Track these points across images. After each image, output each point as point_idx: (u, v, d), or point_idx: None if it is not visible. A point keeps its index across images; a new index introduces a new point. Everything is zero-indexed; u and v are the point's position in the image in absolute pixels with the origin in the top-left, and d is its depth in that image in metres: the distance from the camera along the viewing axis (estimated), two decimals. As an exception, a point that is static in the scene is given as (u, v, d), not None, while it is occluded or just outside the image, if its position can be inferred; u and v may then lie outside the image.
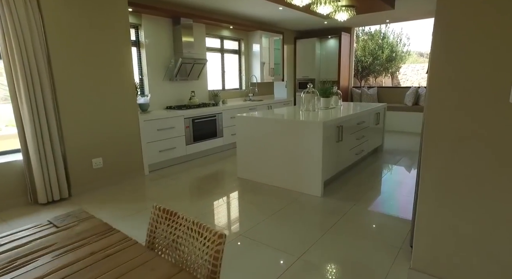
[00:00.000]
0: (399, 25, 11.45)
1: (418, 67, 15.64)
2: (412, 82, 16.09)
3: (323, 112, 3.68)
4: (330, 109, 4.06)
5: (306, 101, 3.90)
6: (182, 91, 4.92)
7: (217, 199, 3.09)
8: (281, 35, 6.47)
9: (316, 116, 3.31)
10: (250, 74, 6.23)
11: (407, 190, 3.24)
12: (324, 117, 3.26)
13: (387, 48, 10.76)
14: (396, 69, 13.23)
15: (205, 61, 4.79)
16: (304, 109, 3.88)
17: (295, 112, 3.83)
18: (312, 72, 7.31)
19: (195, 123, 4.55)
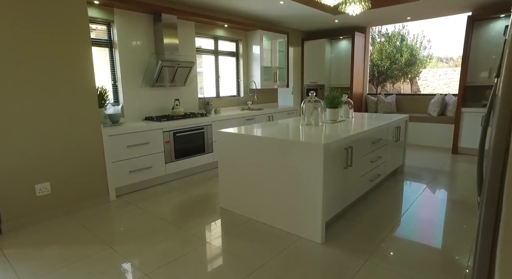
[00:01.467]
0: (419, 26, 10.53)
1: (440, 72, 14.58)
2: (433, 89, 15.02)
3: (328, 127, 2.90)
4: (338, 122, 3.27)
5: (308, 113, 3.13)
6: (165, 99, 4.24)
7: (185, 245, 2.34)
8: (285, 36, 5.73)
9: (318, 134, 2.53)
10: (249, 79, 5.50)
11: (443, 233, 2.40)
12: (328, 135, 2.47)
13: (406, 51, 9.85)
14: (416, 75, 12.25)
15: (192, 64, 4.10)
16: (305, 123, 3.11)
17: (293, 126, 3.05)
18: (321, 77, 6.52)
19: (177, 137, 3.85)
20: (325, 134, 2.52)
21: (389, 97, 6.41)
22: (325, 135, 2.47)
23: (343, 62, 6.44)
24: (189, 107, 4.55)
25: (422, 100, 6.17)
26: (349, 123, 3.26)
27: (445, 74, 14.34)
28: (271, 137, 2.46)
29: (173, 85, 4.18)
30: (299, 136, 2.48)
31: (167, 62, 3.82)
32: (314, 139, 2.32)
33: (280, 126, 3.12)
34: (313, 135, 2.48)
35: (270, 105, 6.06)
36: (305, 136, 2.47)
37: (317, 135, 2.50)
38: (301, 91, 6.89)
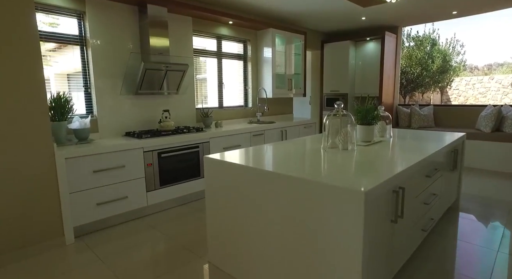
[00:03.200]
0: (451, 29, 9.47)
1: (474, 80, 13.30)
2: (466, 99, 13.72)
3: (363, 154, 2.00)
4: (374, 145, 2.37)
5: (332, 131, 2.24)
6: (152, 111, 3.46)
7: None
8: (302, 36, 4.89)
9: (351, 167, 1.64)
10: (259, 86, 4.68)
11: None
12: (366, 169, 1.58)
13: (439, 57, 8.81)
14: (447, 83, 11.08)
15: (185, 67, 3.31)
16: (328, 146, 2.22)
17: (313, 150, 2.17)
18: (344, 85, 5.62)
19: (162, 158, 3.04)
20: (361, 168, 1.62)
21: (425, 108, 5.42)
22: (362, 170, 1.58)
23: (370, 67, 5.52)
24: (182, 120, 3.75)
25: (467, 113, 5.14)
26: (389, 146, 2.34)
27: (480, 82, 13.05)
28: (281, 173, 1.58)
29: (161, 93, 3.40)
30: (323, 170, 1.60)
31: (152, 64, 3.05)
32: (348, 179, 1.43)
33: (295, 149, 2.24)
34: (344, 170, 1.59)
35: (283, 117, 5.20)
36: (332, 171, 1.58)
37: (349, 170, 1.61)
38: (320, 101, 6.00)
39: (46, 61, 2.79)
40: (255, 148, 2.27)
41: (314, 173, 1.54)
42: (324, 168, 1.64)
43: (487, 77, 13.25)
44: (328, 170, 1.59)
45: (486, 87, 13.54)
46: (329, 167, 1.66)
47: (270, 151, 2.16)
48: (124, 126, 3.24)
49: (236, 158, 1.96)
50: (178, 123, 3.69)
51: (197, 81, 3.96)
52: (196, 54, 3.88)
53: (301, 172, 1.55)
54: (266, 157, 1.98)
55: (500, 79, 13.16)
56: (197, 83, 3.97)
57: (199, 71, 4.04)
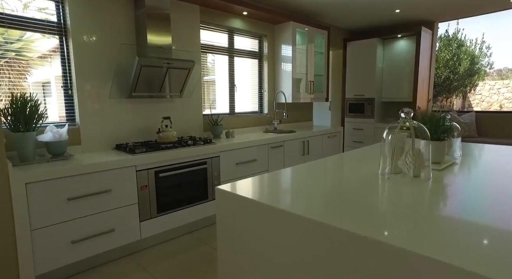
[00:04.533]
0: (478, 29, 8.78)
1: (499, 84, 12.50)
2: (490, 104, 12.92)
3: (445, 186, 1.32)
4: (448, 168, 1.68)
5: (397, 151, 1.57)
6: (150, 118, 2.82)
7: None
8: (326, 33, 4.25)
9: (444, 218, 0.97)
10: (276, 89, 4.03)
11: None
12: (470, 223, 0.90)
13: (466, 58, 8.12)
14: (472, 87, 10.32)
15: (191, 64, 2.68)
16: (389, 171, 1.56)
17: (366, 179, 1.50)
18: (370, 89, 4.95)
19: (161, 178, 2.39)
20: (465, 216, 0.94)
21: (466, 116, 4.72)
22: (467, 222, 0.90)
23: (400, 68, 4.85)
24: (187, 129, 3.11)
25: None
26: (475, 170, 1.66)
27: (506, 87, 12.24)
28: (330, 225, 0.91)
29: (161, 96, 2.76)
30: (401, 221, 0.92)
31: (149, 59, 2.42)
32: (464, 249, 0.75)
33: (340, 175, 1.57)
34: (439, 222, 0.91)
35: (302, 125, 4.54)
36: (423, 225, 0.90)
37: (447, 221, 0.93)
38: (342, 107, 5.32)
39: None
40: (284, 173, 1.61)
41: (388, 227, 0.87)
42: (401, 217, 0.97)
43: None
44: (413, 223, 0.91)
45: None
46: (410, 214, 0.98)
47: (304, 178, 1.50)
48: (114, 137, 2.60)
49: (260, 189, 1.30)
50: (181, 132, 3.05)
51: (203, 83, 3.33)
52: (204, 50, 3.25)
53: (363, 224, 0.88)
54: (300, 189, 1.31)
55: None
56: (203, 86, 3.34)
57: (206, 71, 3.41)
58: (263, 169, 3.24)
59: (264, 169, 3.26)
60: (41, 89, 2.34)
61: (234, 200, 1.30)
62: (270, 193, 1.28)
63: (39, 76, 2.32)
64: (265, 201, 1.18)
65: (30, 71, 2.27)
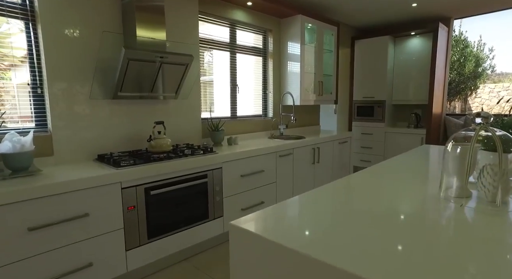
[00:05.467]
0: (476, 30, 8.55)
1: (498, 87, 12.36)
2: (489, 108, 12.76)
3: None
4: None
5: (462, 168, 1.18)
6: (140, 122, 2.38)
7: None
8: (335, 28, 3.88)
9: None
10: (282, 91, 3.63)
11: None
12: None
13: (471, 60, 7.90)
14: (473, 90, 10.11)
15: (189, 59, 2.25)
16: (456, 194, 1.17)
17: (426, 205, 1.09)
18: (380, 90, 4.59)
19: (152, 197, 1.96)
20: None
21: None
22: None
23: (414, 69, 4.50)
24: (183, 136, 2.68)
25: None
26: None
27: (506, 90, 12.10)
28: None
29: (153, 97, 2.33)
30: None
31: (139, 52, 1.99)
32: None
33: (388, 199, 1.16)
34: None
35: (309, 130, 4.14)
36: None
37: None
38: (350, 110, 4.95)
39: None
40: (313, 198, 1.20)
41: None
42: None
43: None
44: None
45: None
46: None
47: (342, 205, 1.08)
48: (95, 146, 2.16)
49: (288, 225, 0.89)
50: (176, 140, 2.62)
51: (201, 83, 2.92)
52: (202, 45, 2.84)
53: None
54: (343, 227, 0.90)
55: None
56: (201, 86, 2.92)
57: (204, 70, 2.99)
58: (271, 181, 2.83)
59: (272, 181, 2.85)
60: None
61: (253, 242, 0.88)
62: (301, 232, 0.86)
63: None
64: (298, 247, 0.77)
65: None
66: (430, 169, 1.67)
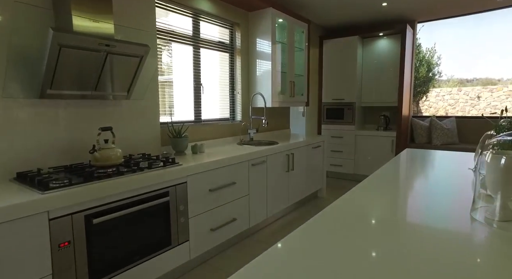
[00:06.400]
0: (431, 38, 9.01)
1: (443, 92, 13.26)
2: (436, 110, 13.63)
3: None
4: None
5: (502, 186, 0.92)
6: (79, 129, 1.89)
7: None
8: (306, 26, 3.65)
9: None
10: (252, 91, 3.30)
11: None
12: None
13: (424, 65, 8.25)
14: (425, 93, 10.72)
15: (144, 49, 1.81)
16: (499, 216, 0.90)
17: (473, 236, 0.81)
18: (350, 92, 4.46)
19: (95, 226, 1.50)
20: None
21: (447, 121, 4.45)
22: None
23: (382, 70, 4.44)
24: (138, 144, 2.21)
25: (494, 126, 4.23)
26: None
27: (449, 94, 13.01)
28: None
29: (96, 96, 1.85)
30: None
31: (75, 37, 1.52)
32: None
33: (427, 230, 0.86)
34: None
35: (280, 134, 3.86)
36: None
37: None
38: (319, 113, 4.77)
39: None
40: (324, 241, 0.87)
41: None
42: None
43: (456, 88, 13.29)
44: None
45: (455, 99, 13.59)
46: None
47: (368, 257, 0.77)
48: (16, 161, 1.63)
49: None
50: (129, 149, 2.15)
51: (158, 85, 2.48)
52: (161, 36, 2.40)
53: None
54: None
55: (467, 91, 13.28)
56: (158, 85, 2.49)
57: (161, 71, 2.55)
58: (243, 193, 2.47)
59: (245, 194, 2.49)
60: None
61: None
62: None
63: None
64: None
65: None
66: (441, 181, 1.43)
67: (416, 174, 1.56)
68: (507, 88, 12.93)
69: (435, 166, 1.77)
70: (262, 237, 2.67)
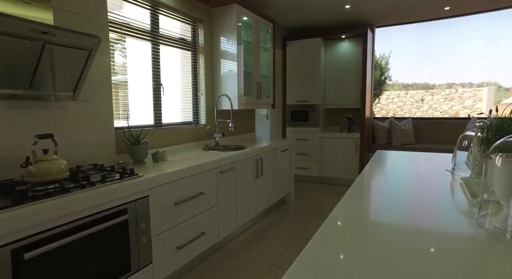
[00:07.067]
0: (386, 45, 9.53)
1: (393, 94, 14.14)
2: (387, 112, 14.49)
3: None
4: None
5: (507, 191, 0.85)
6: (11, 137, 1.54)
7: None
8: (271, 25, 3.53)
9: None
10: (217, 93, 3.09)
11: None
12: None
13: (378, 68, 8.65)
14: (379, 95, 11.33)
15: (93, 41, 1.52)
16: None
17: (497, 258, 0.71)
18: (314, 94, 4.45)
19: (28, 263, 1.18)
20: None
21: (404, 122, 4.63)
22: None
23: (344, 73, 4.49)
24: (89, 154, 1.89)
25: (447, 127, 4.51)
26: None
27: (397, 97, 13.91)
28: None
29: (34, 97, 1.52)
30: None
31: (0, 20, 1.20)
32: None
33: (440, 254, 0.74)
34: None
35: (246, 137, 3.69)
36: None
37: None
38: (283, 115, 4.69)
39: None
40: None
41: None
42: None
43: (403, 92, 14.27)
44: None
45: (403, 102, 14.59)
46: None
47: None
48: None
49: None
50: (78, 160, 1.82)
51: (112, 86, 2.17)
52: (113, 29, 2.10)
53: None
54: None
55: (413, 94, 14.36)
56: (111, 84, 2.19)
57: (113, 71, 2.25)
58: (211, 204, 2.25)
59: (213, 205, 2.27)
60: None
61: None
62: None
63: None
64: None
65: None
66: (431, 188, 1.36)
67: (401, 179, 1.48)
68: (444, 92, 14.18)
69: (415, 168, 1.72)
70: (232, 250, 2.47)
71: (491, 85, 10.47)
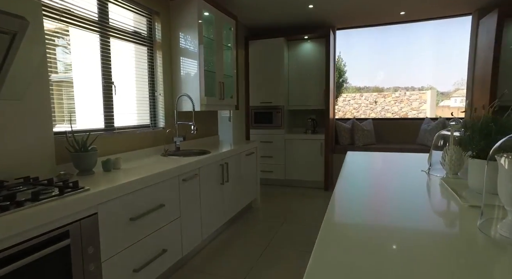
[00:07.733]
0: (346, 48, 9.88)
1: (349, 97, 14.74)
2: (344, 113, 15.06)
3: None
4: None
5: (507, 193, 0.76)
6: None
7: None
8: (234, 22, 3.36)
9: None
10: (177, 93, 2.83)
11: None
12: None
13: (336, 71, 8.90)
14: (337, 97, 11.72)
15: (18, 23, 1.22)
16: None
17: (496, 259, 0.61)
18: (277, 95, 4.35)
19: None
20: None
21: (365, 123, 4.72)
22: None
23: (308, 74, 4.46)
24: (17, 164, 1.55)
25: (404, 127, 4.69)
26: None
27: (353, 99, 14.53)
28: None
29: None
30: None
31: None
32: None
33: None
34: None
35: (208, 141, 3.46)
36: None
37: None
38: (247, 117, 4.53)
39: None
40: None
41: None
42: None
43: (358, 94, 14.96)
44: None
45: (358, 104, 15.29)
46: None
47: None
48: None
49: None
50: (3, 173, 1.48)
51: (52, 84, 1.85)
52: (49, 13, 1.77)
53: None
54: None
55: (367, 96, 15.12)
56: (52, 89, 1.86)
57: (54, 69, 1.92)
58: (174, 216, 2.01)
59: (175, 217, 2.03)
60: None
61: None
62: None
63: None
64: None
65: None
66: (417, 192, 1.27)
67: (382, 182, 1.39)
68: (394, 94, 15.02)
69: (391, 169, 1.65)
70: (198, 265, 2.24)
71: (431, 89, 11.34)
